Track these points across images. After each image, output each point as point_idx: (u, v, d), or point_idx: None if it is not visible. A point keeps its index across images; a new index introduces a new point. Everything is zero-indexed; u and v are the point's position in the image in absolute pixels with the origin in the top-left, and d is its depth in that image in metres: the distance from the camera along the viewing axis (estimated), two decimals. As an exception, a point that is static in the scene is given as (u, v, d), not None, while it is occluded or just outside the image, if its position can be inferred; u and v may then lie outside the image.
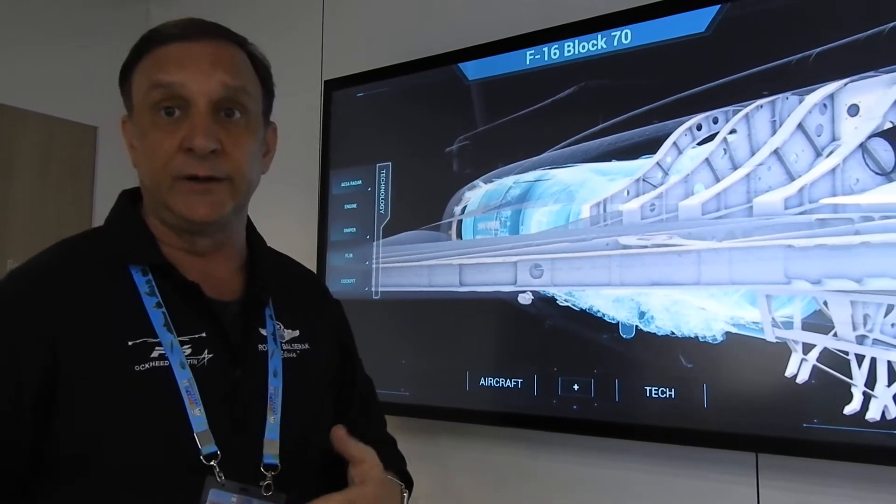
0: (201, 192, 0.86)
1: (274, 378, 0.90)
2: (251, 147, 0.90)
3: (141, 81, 0.87)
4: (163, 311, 0.85)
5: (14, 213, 2.53)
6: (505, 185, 1.83)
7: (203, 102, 0.85)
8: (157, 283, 0.86)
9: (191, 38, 0.88)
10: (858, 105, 1.39)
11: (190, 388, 0.82)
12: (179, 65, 0.86)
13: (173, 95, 0.85)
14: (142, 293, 0.85)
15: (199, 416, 0.82)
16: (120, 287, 0.85)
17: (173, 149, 0.84)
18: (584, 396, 1.66)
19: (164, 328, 0.84)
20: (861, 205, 1.37)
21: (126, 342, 0.82)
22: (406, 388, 1.94)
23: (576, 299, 1.69)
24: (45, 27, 2.63)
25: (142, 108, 0.87)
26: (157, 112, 0.86)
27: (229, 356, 0.87)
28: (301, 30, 2.40)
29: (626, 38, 1.68)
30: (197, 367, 0.84)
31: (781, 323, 1.43)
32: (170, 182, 0.85)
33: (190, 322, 0.86)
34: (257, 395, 0.88)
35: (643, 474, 1.67)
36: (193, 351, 0.85)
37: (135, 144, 0.89)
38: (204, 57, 0.87)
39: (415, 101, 2.03)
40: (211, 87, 0.86)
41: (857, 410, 1.35)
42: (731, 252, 1.49)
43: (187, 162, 0.84)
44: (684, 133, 1.58)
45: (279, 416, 0.88)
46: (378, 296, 2.01)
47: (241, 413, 0.86)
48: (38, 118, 2.60)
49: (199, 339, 0.86)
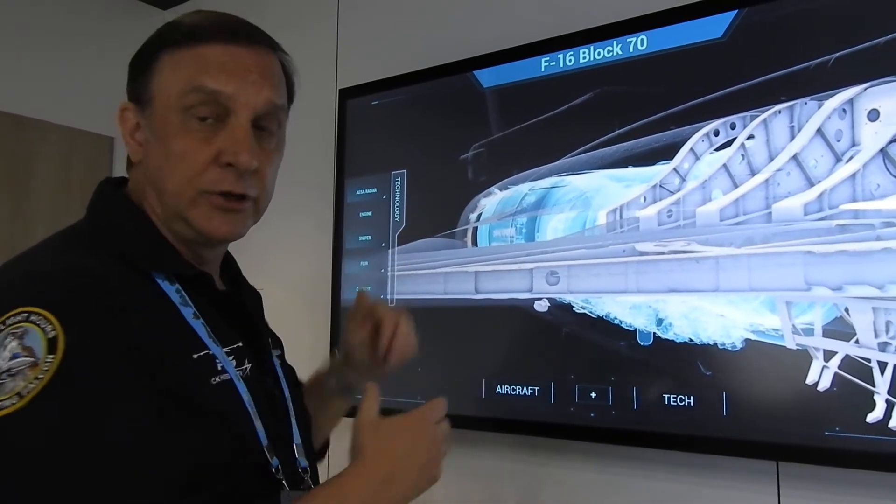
0: (227, 211, 0.81)
1: (283, 383, 0.93)
2: (278, 165, 0.87)
3: (174, 78, 0.80)
4: (202, 322, 0.80)
5: (34, 223, 2.56)
6: (520, 191, 1.83)
7: (246, 116, 0.80)
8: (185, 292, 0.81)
9: (238, 42, 0.82)
10: (878, 110, 1.38)
11: (249, 401, 0.80)
12: (228, 72, 0.80)
13: (215, 103, 0.79)
14: (176, 303, 0.80)
15: (261, 429, 0.80)
16: (155, 296, 0.79)
17: (207, 160, 0.79)
18: (602, 404, 1.65)
19: (210, 340, 0.80)
20: (882, 210, 1.36)
21: (191, 355, 0.77)
22: (422, 396, 1.93)
23: (592, 306, 1.68)
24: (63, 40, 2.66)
25: (169, 107, 0.80)
26: (190, 117, 0.79)
27: (259, 365, 0.87)
28: (316, 38, 2.41)
29: (641, 45, 1.68)
30: (244, 379, 0.81)
31: (802, 330, 1.42)
32: (194, 194, 0.80)
33: (226, 332, 0.83)
34: (283, 402, 0.90)
35: (662, 483, 1.65)
36: (237, 362, 0.82)
37: (150, 141, 0.82)
38: (253, 67, 0.82)
39: (430, 109, 2.03)
40: (258, 101, 0.81)
41: (879, 418, 1.33)
42: (749, 258, 1.48)
43: (224, 177, 0.79)
44: (701, 139, 1.57)
45: (294, 420, 0.90)
46: (393, 304, 2.01)
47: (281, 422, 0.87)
48: (58, 129, 2.63)
49: (239, 350, 0.83)
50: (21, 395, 0.64)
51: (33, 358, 0.66)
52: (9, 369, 0.65)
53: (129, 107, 0.84)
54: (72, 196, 2.66)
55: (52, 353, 0.66)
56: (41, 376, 0.65)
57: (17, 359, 0.66)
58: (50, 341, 0.66)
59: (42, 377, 0.65)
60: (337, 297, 2.13)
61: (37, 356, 0.66)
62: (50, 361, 0.65)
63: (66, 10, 2.68)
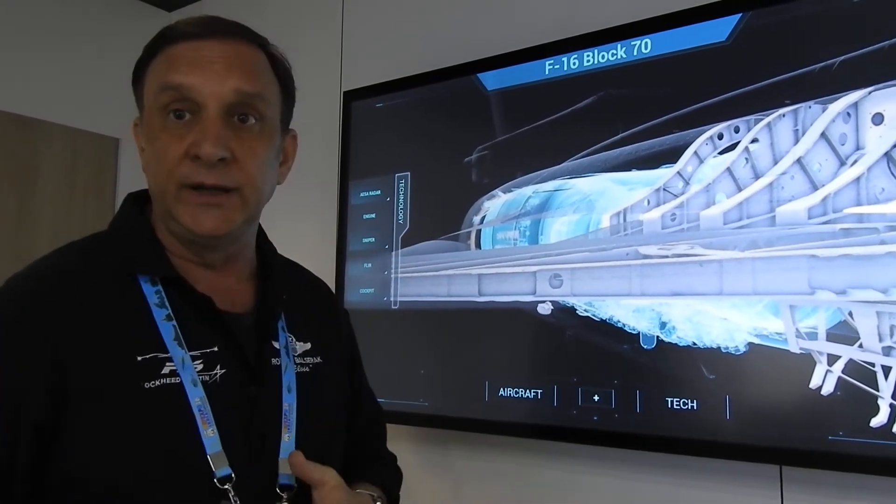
0: (208, 205, 0.80)
1: (288, 394, 0.86)
2: (265, 155, 0.84)
3: (152, 82, 0.82)
4: (173, 324, 0.79)
5: (39, 223, 2.56)
6: (524, 194, 1.83)
7: (214, 107, 0.79)
8: (167, 295, 0.81)
9: (205, 37, 0.82)
10: (883, 114, 1.38)
11: (202, 406, 0.77)
12: (191, 65, 0.80)
13: (183, 98, 0.79)
14: (151, 304, 0.80)
15: (213, 436, 0.77)
16: (128, 298, 0.80)
17: (180, 154, 0.79)
18: (605, 407, 1.65)
19: (174, 342, 0.79)
20: (886, 214, 1.35)
21: (135, 357, 0.77)
22: (425, 399, 1.93)
23: (596, 309, 1.68)
24: (69, 41, 2.68)
25: (151, 110, 0.81)
26: (167, 115, 0.80)
27: (244, 372, 0.83)
28: (320, 41, 2.42)
29: (645, 48, 1.68)
30: (209, 384, 0.79)
31: (805, 334, 1.42)
32: (175, 190, 0.80)
33: (201, 336, 0.81)
34: (272, 412, 0.84)
35: (665, 486, 1.65)
36: (205, 366, 0.80)
37: (144, 147, 0.84)
38: (218, 58, 0.81)
39: (434, 112, 2.03)
40: (224, 91, 0.80)
41: (883, 423, 1.33)
42: (753, 262, 1.47)
43: (194, 170, 0.79)
44: (705, 142, 1.57)
45: (294, 434, 0.84)
46: (397, 305, 2.02)
47: (257, 432, 0.82)
48: (63, 130, 2.64)
49: (211, 354, 0.81)
50: None
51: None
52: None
53: (138, 121, 0.87)
54: (76, 196, 2.67)
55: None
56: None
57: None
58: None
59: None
60: (340, 298, 2.13)
61: None
62: None
63: (72, 11, 2.69)
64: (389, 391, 1.99)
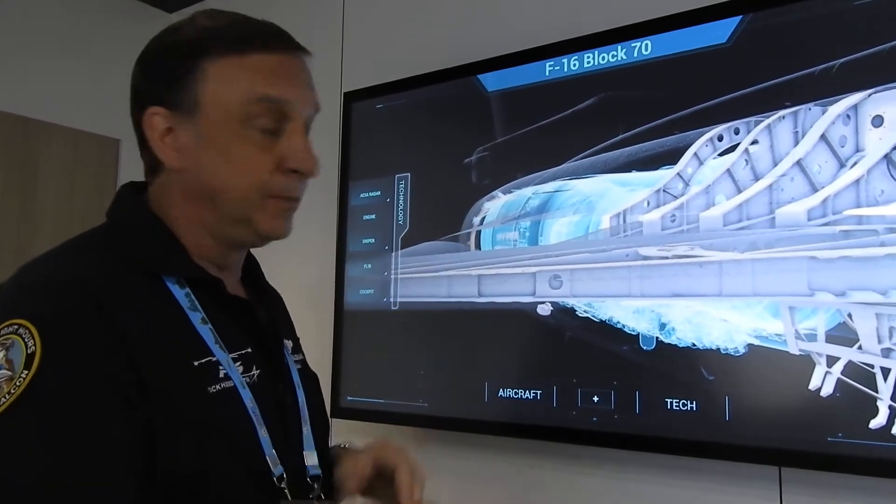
0: (288, 213, 0.85)
1: (299, 389, 0.91)
2: None
3: (230, 88, 0.79)
4: (209, 327, 0.80)
5: (40, 224, 2.57)
6: (524, 195, 1.83)
7: (302, 122, 0.83)
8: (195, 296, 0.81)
9: (290, 51, 0.84)
10: (883, 116, 1.38)
11: (254, 408, 0.79)
12: (286, 80, 0.82)
13: (277, 111, 0.81)
14: (184, 307, 0.79)
15: (266, 436, 0.80)
16: (162, 300, 0.79)
17: (270, 166, 0.81)
18: (604, 408, 1.65)
19: (216, 346, 0.79)
20: (886, 216, 1.35)
21: (192, 361, 0.76)
22: (424, 400, 1.93)
23: (595, 310, 1.68)
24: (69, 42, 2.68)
25: (228, 117, 0.80)
26: (251, 125, 0.80)
27: (271, 371, 0.86)
28: (321, 42, 2.42)
29: (646, 49, 1.68)
30: (251, 385, 0.81)
31: (805, 335, 1.42)
32: (259, 199, 0.81)
33: (235, 337, 0.82)
34: (294, 407, 0.88)
35: (664, 487, 1.65)
36: (244, 368, 0.81)
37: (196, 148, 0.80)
38: (304, 74, 0.85)
39: (434, 113, 2.04)
40: (309, 107, 0.85)
41: (882, 424, 1.33)
42: (753, 263, 1.48)
43: (290, 183, 0.82)
44: (705, 144, 1.57)
45: (310, 427, 0.89)
46: (397, 306, 2.02)
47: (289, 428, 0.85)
48: (63, 131, 2.65)
49: (247, 355, 0.82)
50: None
51: (11, 371, 0.66)
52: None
53: (160, 112, 0.81)
54: (77, 197, 2.67)
55: (26, 369, 0.66)
56: (12, 392, 0.65)
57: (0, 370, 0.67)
58: (28, 356, 0.66)
59: (13, 393, 0.65)
60: (340, 299, 2.14)
61: (14, 370, 0.66)
62: (23, 378, 0.66)
63: (72, 12, 2.70)
64: (389, 392, 1.99)
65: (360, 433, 2.11)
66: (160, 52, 0.83)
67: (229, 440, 0.77)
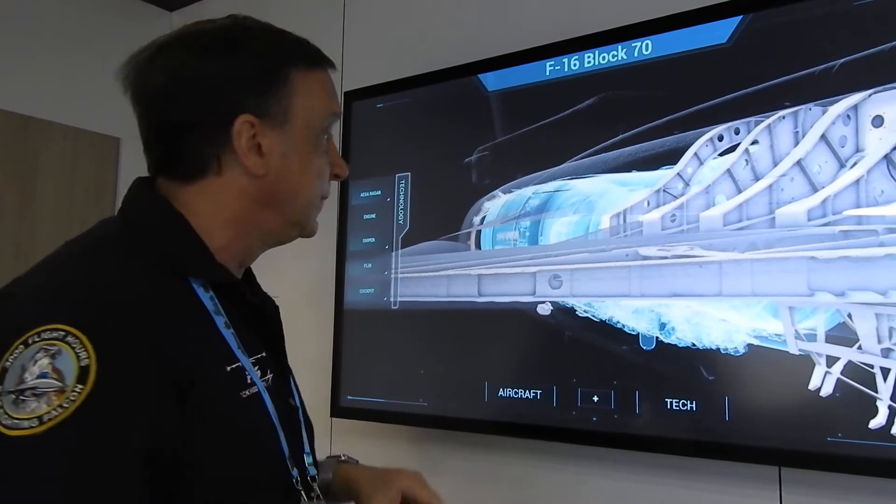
0: None
1: (296, 391, 0.93)
2: None
3: (315, 101, 0.87)
4: (232, 331, 0.80)
5: (40, 222, 2.57)
6: (524, 195, 1.83)
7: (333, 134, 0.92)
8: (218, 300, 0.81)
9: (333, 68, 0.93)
10: (883, 116, 1.38)
11: (274, 412, 0.81)
12: (336, 97, 0.93)
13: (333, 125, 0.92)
14: (210, 311, 0.79)
15: (284, 440, 0.82)
16: (192, 304, 0.79)
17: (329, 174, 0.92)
18: (604, 408, 1.65)
19: (239, 351, 0.80)
20: (885, 216, 1.36)
21: (224, 367, 0.77)
22: (424, 399, 1.94)
23: (595, 310, 1.68)
24: (70, 40, 2.68)
25: (313, 127, 0.87)
26: (321, 138, 0.88)
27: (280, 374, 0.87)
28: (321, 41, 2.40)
29: (646, 49, 1.68)
30: (268, 389, 0.82)
31: (805, 335, 1.42)
32: (319, 203, 0.92)
33: (251, 342, 0.83)
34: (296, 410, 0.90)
35: (664, 487, 1.65)
36: (261, 373, 0.82)
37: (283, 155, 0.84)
38: None
39: (434, 112, 2.04)
40: None
41: (882, 424, 1.33)
42: (753, 263, 1.48)
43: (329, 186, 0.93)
44: (705, 144, 1.57)
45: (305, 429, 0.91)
46: (397, 306, 2.02)
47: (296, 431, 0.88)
48: (64, 129, 2.65)
49: (262, 359, 0.84)
50: (42, 420, 0.62)
51: (61, 383, 0.64)
52: (34, 387, 0.63)
53: (251, 119, 0.82)
54: (78, 196, 2.67)
55: (81, 384, 0.64)
56: (66, 405, 0.63)
57: (45, 378, 0.64)
58: (82, 370, 0.64)
59: (67, 406, 0.63)
60: (340, 299, 2.14)
61: (65, 382, 0.64)
62: (78, 392, 0.63)
63: (73, 10, 2.70)
64: (389, 391, 2.00)
65: (360, 432, 2.11)
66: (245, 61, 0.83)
67: (264, 445, 0.79)
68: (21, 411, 0.63)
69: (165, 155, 0.84)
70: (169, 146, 0.83)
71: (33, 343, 0.65)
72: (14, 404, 0.63)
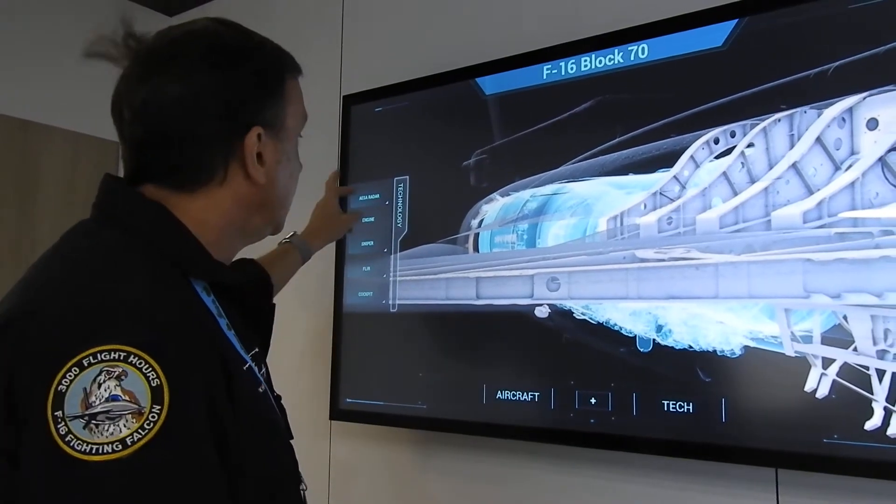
0: None
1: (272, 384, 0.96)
2: None
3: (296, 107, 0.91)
4: (234, 332, 0.82)
5: (40, 227, 2.57)
6: (522, 198, 1.84)
7: None
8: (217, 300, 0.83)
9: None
10: (877, 119, 1.39)
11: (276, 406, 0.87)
12: None
13: None
14: (213, 314, 0.80)
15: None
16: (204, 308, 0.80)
17: None
18: (602, 410, 1.65)
19: (242, 350, 0.81)
20: (881, 219, 1.36)
21: (242, 365, 0.78)
22: (423, 401, 1.94)
23: (593, 312, 1.69)
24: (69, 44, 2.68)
25: (293, 132, 0.91)
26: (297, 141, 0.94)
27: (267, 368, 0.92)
28: (320, 45, 2.43)
29: (642, 53, 1.69)
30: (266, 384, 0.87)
31: (801, 337, 1.43)
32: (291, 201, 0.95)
33: (247, 338, 0.85)
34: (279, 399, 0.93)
35: (661, 489, 1.65)
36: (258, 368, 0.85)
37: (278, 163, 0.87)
38: None
39: (432, 116, 2.04)
40: None
41: (878, 426, 1.34)
42: (749, 266, 1.48)
43: None
44: (701, 147, 1.58)
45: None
46: (395, 309, 2.02)
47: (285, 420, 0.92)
48: (64, 134, 2.65)
49: (257, 355, 0.87)
50: (126, 444, 0.62)
51: (136, 405, 0.63)
52: (107, 411, 0.63)
53: (261, 130, 0.84)
54: (77, 200, 2.68)
55: (157, 405, 0.64)
56: (148, 427, 0.63)
57: (117, 402, 0.63)
58: (154, 390, 0.64)
59: (150, 428, 0.63)
60: (339, 302, 2.14)
61: (141, 404, 0.63)
62: (157, 413, 0.64)
63: (72, 14, 2.71)
64: (388, 394, 2.00)
65: (359, 435, 2.11)
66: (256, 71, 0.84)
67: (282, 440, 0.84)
68: (97, 436, 0.62)
69: (161, 164, 0.82)
70: (167, 156, 0.82)
71: (90, 365, 0.64)
72: (86, 429, 0.62)
